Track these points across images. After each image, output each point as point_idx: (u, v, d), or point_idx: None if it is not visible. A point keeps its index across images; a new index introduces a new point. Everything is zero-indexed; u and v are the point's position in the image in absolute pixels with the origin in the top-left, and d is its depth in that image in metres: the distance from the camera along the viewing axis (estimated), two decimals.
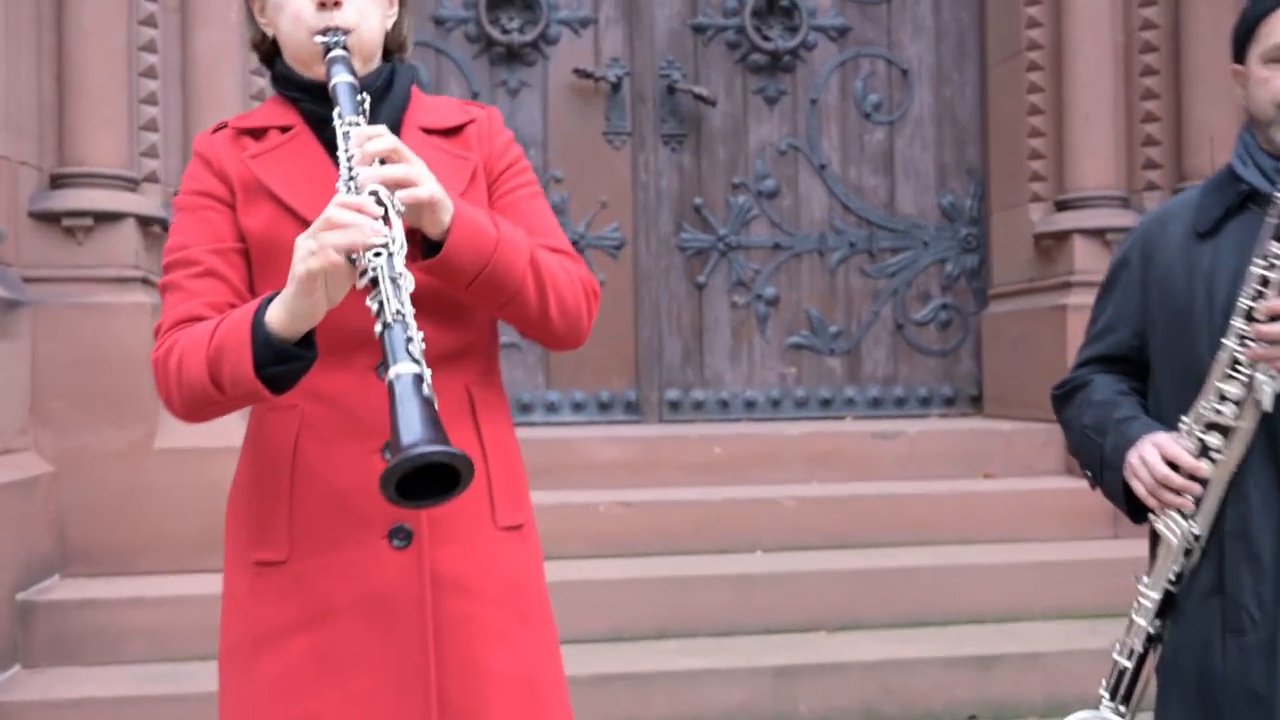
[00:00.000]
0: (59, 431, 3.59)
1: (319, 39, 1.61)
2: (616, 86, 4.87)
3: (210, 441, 3.66)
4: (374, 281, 1.35)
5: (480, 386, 1.69)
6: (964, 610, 3.68)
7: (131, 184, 3.75)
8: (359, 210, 1.38)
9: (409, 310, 1.35)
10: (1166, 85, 4.46)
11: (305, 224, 1.50)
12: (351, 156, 1.47)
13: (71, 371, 3.59)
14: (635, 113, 4.92)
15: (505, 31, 4.79)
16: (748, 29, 4.91)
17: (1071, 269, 4.48)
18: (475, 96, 4.78)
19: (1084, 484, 4.07)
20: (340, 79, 1.57)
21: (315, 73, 1.64)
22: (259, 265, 1.63)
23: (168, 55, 3.96)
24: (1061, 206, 4.60)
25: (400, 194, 1.44)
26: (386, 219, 1.39)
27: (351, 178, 1.45)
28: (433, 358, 1.55)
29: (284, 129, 1.68)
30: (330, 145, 1.61)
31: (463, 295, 1.56)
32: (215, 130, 1.71)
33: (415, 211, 1.46)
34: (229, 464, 3.61)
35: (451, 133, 1.73)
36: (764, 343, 4.99)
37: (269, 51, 1.75)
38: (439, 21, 4.79)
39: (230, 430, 3.72)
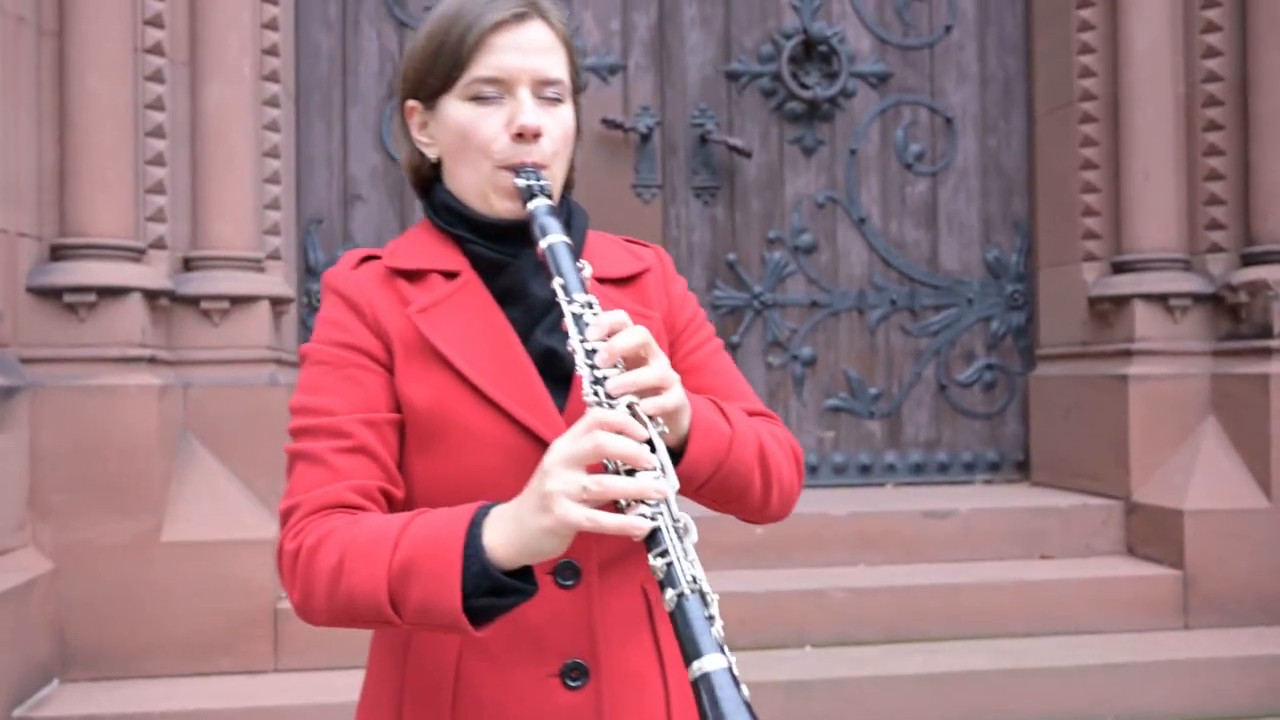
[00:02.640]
0: (59, 525, 3.33)
1: (519, 180, 1.35)
2: (646, 137, 4.62)
3: (222, 534, 3.45)
4: (653, 535, 1.09)
5: (651, 582, 1.41)
6: (1034, 717, 3.43)
7: (137, 254, 3.50)
8: (624, 431, 1.12)
9: (702, 572, 1.09)
10: (1232, 141, 4.21)
11: (478, 394, 1.31)
12: (593, 352, 1.19)
13: (73, 460, 3.33)
14: (666, 164, 4.67)
15: None
16: (784, 76, 4.67)
17: (1131, 336, 4.23)
18: None
19: (1149, 568, 3.86)
20: (556, 238, 1.29)
21: (496, 210, 1.38)
22: (419, 441, 1.33)
23: (176, 112, 3.71)
24: (1119, 268, 4.35)
25: (648, 404, 1.18)
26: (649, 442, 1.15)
27: (597, 381, 1.18)
28: (605, 558, 1.34)
29: (448, 274, 1.39)
30: (503, 297, 1.37)
31: (688, 497, 1.32)
32: (358, 264, 1.41)
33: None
34: (241, 558, 3.44)
35: (627, 281, 1.47)
36: (800, 405, 4.75)
37: (427, 175, 1.47)
38: None
39: (244, 520, 3.51)
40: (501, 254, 1.38)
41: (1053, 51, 4.69)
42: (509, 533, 1.13)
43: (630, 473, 1.11)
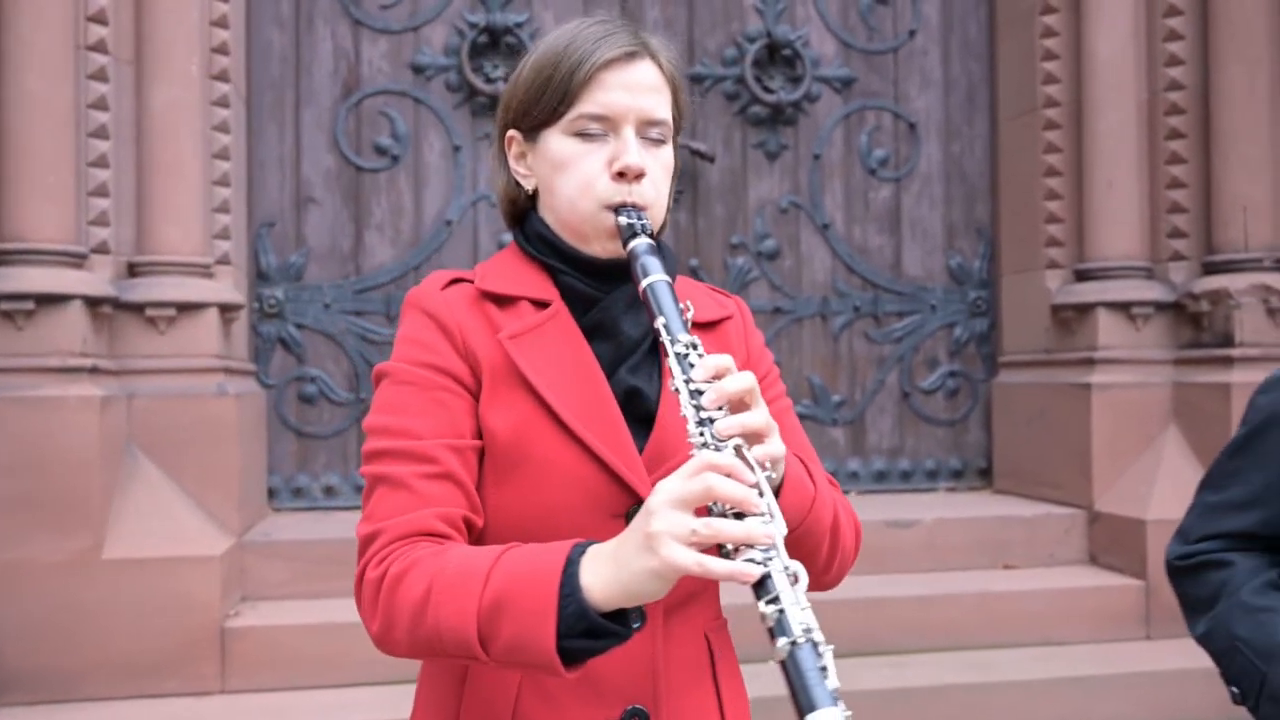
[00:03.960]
0: None
1: (621, 219, 1.32)
2: None
3: (167, 550, 3.34)
4: (762, 581, 1.05)
5: (715, 631, 1.41)
6: None
7: (78, 260, 3.37)
8: (733, 474, 1.08)
9: (814, 620, 1.03)
10: (1194, 150, 4.21)
11: (562, 427, 1.29)
12: (699, 393, 1.16)
13: (10, 474, 3.19)
14: None
15: (489, 80, 4.45)
16: (748, 79, 4.60)
17: (1095, 344, 4.22)
18: (457, 151, 4.44)
19: (1112, 578, 3.83)
20: (658, 278, 1.27)
21: (593, 249, 1.36)
22: (496, 470, 1.30)
23: (121, 113, 3.58)
24: (1082, 276, 4.33)
25: (759, 451, 1.15)
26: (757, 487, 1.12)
27: (702, 422, 1.14)
28: (671, 603, 1.30)
29: (538, 303, 1.37)
30: (591, 332, 1.36)
31: None
32: (447, 285, 1.38)
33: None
34: (188, 575, 3.32)
35: (711, 326, 1.45)
36: None
37: (523, 206, 1.45)
38: (418, 69, 4.43)
39: (190, 536, 3.39)
40: (594, 288, 1.37)
41: (1016, 58, 4.66)
42: (608, 574, 1.09)
43: (738, 516, 1.08)
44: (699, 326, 1.41)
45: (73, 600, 3.23)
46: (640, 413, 1.32)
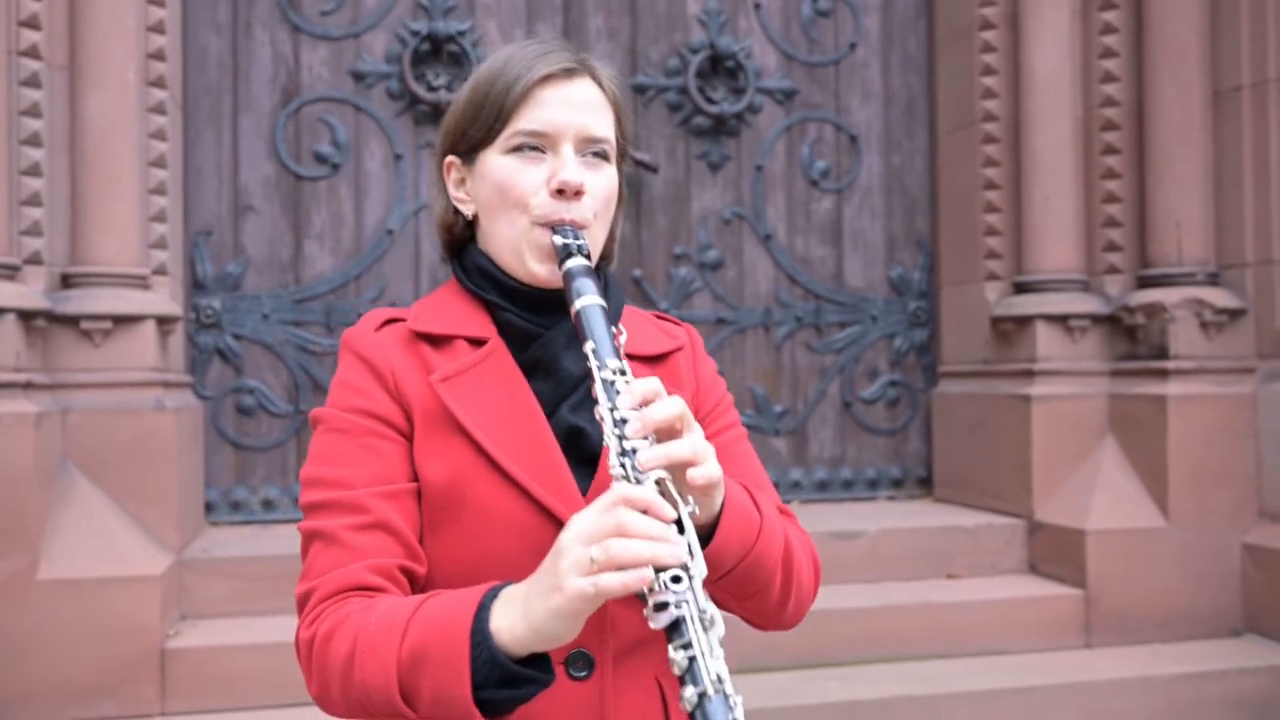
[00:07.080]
0: None
1: (556, 238, 1.27)
2: None
3: (105, 570, 3.25)
4: (676, 625, 1.00)
5: (668, 674, 1.34)
6: None
7: (11, 271, 3.26)
8: (649, 510, 1.04)
9: (727, 671, 1.00)
10: (1129, 165, 4.30)
11: (499, 471, 1.24)
12: (624, 422, 1.11)
13: None
14: None
15: (431, 89, 4.39)
16: (691, 90, 4.61)
17: (1034, 356, 4.29)
18: (398, 159, 4.38)
19: (1052, 587, 3.90)
20: (590, 301, 1.22)
21: (531, 273, 1.31)
22: (432, 518, 1.25)
23: (54, 120, 3.48)
24: (1020, 288, 4.40)
25: (693, 473, 1.10)
26: (678, 523, 1.07)
27: (625, 453, 1.09)
28: (620, 647, 1.27)
29: (475, 341, 1.33)
30: (530, 369, 1.31)
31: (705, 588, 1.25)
32: (381, 326, 1.33)
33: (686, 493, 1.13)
34: (126, 596, 3.23)
35: (658, 360, 1.41)
36: None
37: (460, 235, 1.41)
38: (359, 76, 4.37)
39: (129, 555, 3.30)
40: (533, 323, 1.32)
41: (955, 72, 4.72)
42: (516, 616, 1.06)
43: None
44: (643, 360, 1.38)
45: (6, 623, 3.12)
46: (583, 453, 1.28)
